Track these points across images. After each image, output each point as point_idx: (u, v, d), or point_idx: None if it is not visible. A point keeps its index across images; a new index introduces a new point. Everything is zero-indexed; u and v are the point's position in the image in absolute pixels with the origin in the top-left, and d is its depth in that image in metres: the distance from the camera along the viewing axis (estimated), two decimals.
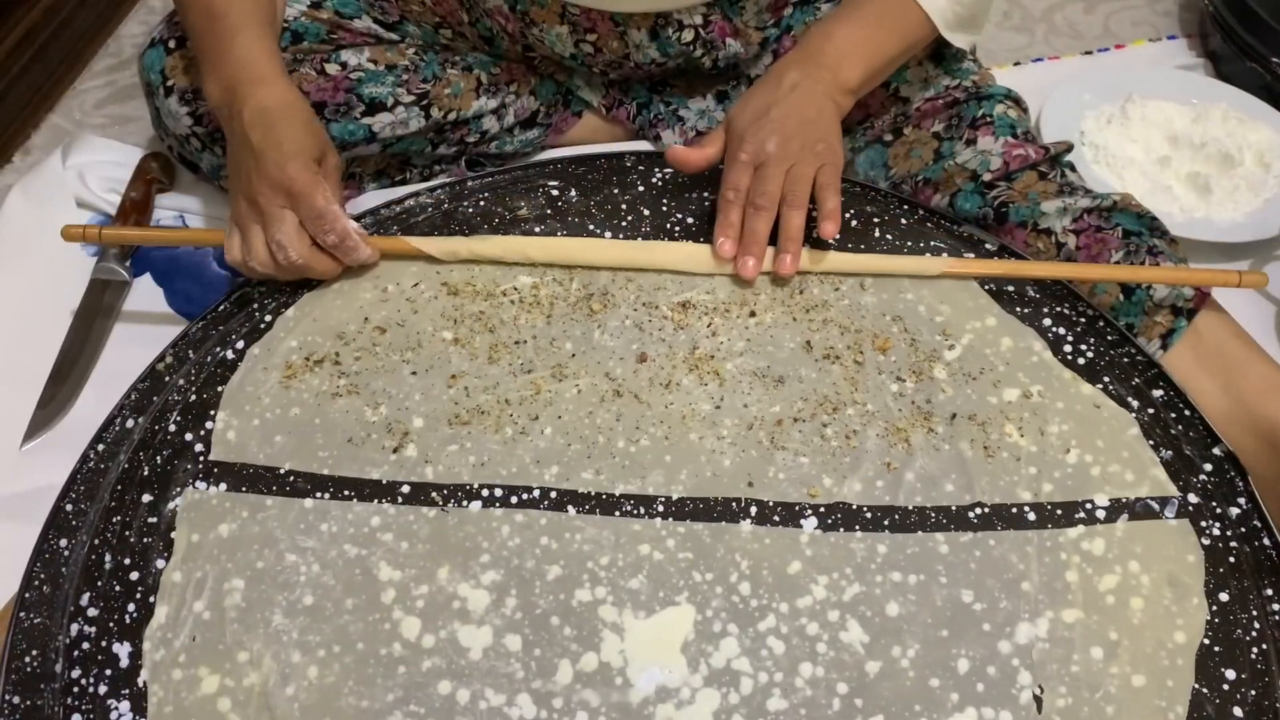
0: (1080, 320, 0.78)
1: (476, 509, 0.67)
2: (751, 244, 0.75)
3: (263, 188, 0.72)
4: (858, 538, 0.66)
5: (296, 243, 0.73)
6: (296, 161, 0.71)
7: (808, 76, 0.78)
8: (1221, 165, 1.05)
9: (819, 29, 0.81)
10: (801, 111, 0.76)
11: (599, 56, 0.94)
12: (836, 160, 0.77)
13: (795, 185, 0.74)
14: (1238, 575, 0.65)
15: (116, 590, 0.64)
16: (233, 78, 0.75)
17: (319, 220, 0.72)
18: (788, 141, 0.75)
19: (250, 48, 0.76)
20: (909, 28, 0.82)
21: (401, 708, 0.59)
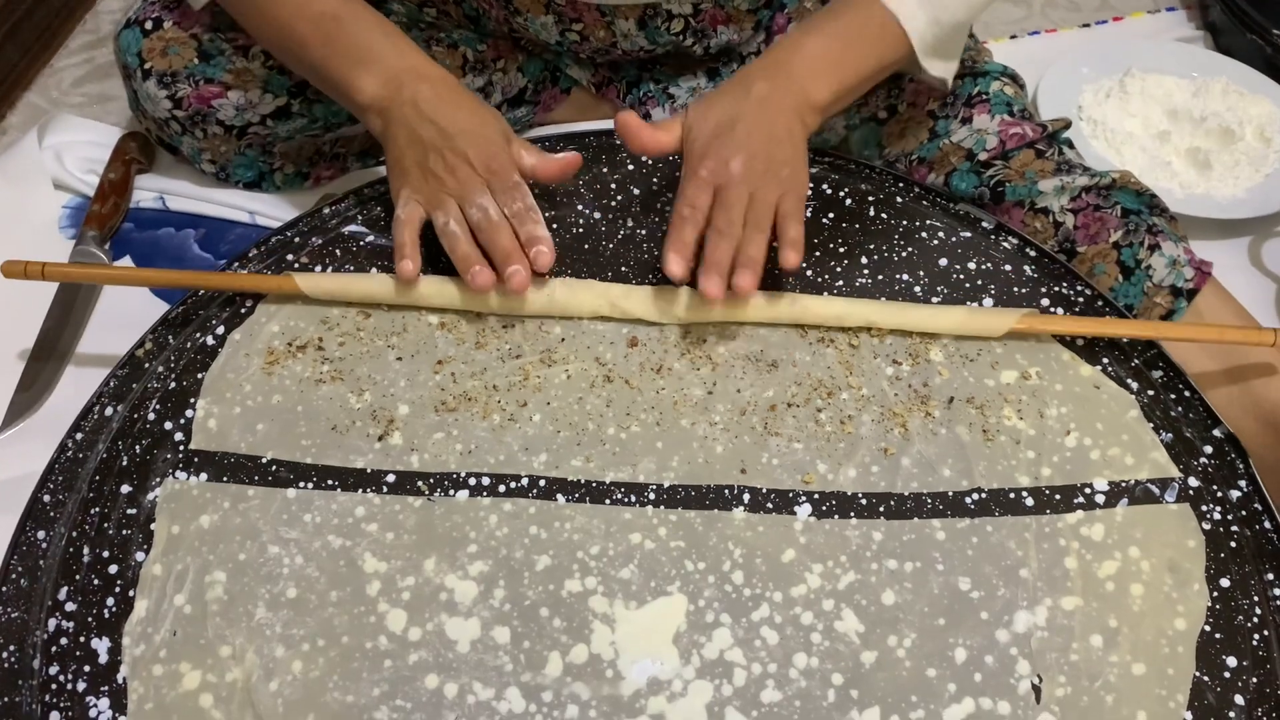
0: (1079, 300, 0.76)
1: (464, 498, 0.66)
2: (714, 266, 0.69)
3: (460, 165, 0.72)
4: (853, 525, 0.65)
5: (496, 207, 0.72)
6: (494, 145, 0.73)
7: (776, 89, 0.73)
8: (1222, 140, 1.03)
9: (790, 39, 0.76)
10: (769, 128, 0.71)
11: (585, 44, 0.92)
12: (801, 187, 0.72)
13: (758, 211, 0.70)
14: (1239, 560, 0.64)
15: (95, 584, 0.63)
16: (393, 68, 0.74)
17: (512, 191, 0.73)
18: (752, 161, 0.70)
19: (394, 38, 0.76)
20: (885, 46, 0.75)
21: (388, 702, 0.58)
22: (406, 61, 0.75)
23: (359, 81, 0.75)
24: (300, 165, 0.96)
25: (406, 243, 0.72)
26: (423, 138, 0.73)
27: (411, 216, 0.73)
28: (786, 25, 0.92)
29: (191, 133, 0.91)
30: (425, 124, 0.73)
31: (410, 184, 0.74)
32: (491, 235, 0.72)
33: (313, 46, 0.76)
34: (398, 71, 0.74)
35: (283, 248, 0.80)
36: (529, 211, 0.73)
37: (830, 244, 0.80)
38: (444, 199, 0.73)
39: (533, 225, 0.73)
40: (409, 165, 0.74)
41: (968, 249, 0.80)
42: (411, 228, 0.73)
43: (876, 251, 0.79)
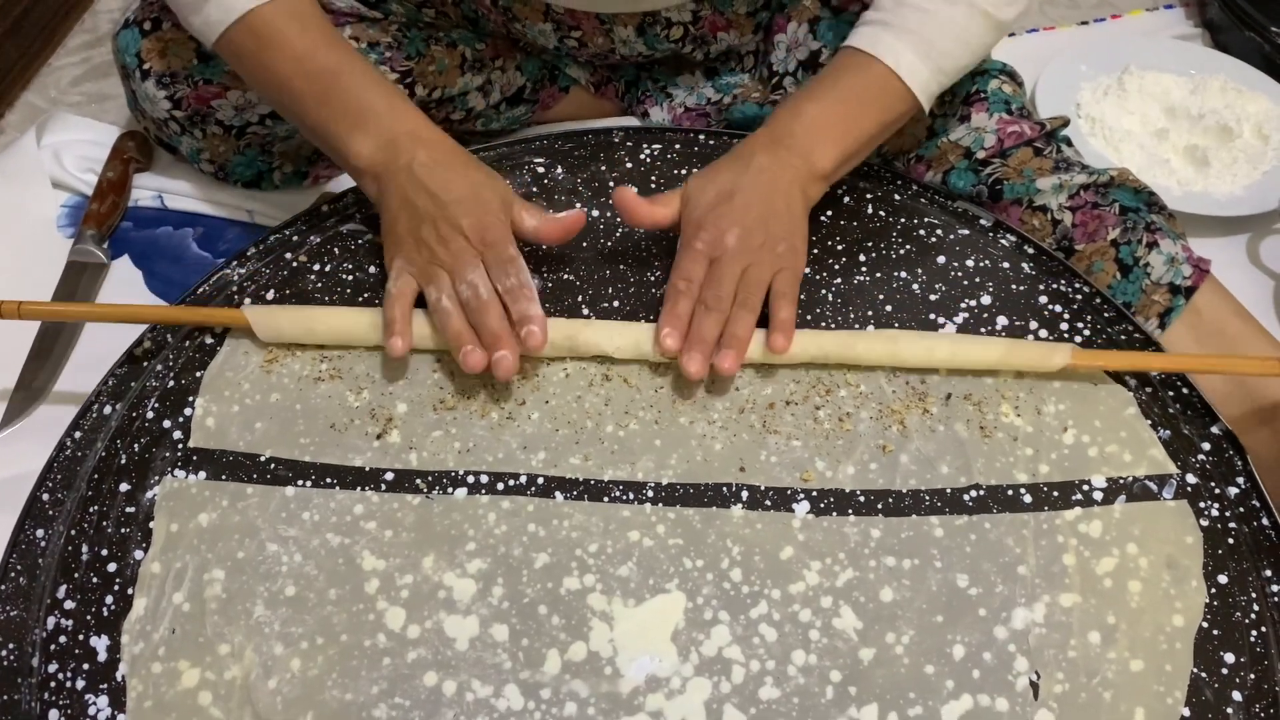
0: (1077, 298, 0.76)
1: (462, 496, 0.66)
2: (697, 343, 0.67)
3: (455, 237, 0.69)
4: (851, 522, 0.65)
5: (489, 284, 0.69)
6: (490, 214, 0.70)
7: (777, 161, 0.71)
8: (1220, 137, 1.03)
9: (789, 106, 0.74)
10: (767, 201, 0.70)
11: (584, 50, 0.92)
12: (797, 265, 0.71)
13: (748, 288, 0.69)
14: (1236, 557, 0.64)
15: (94, 582, 0.63)
16: (390, 131, 0.72)
17: (506, 265, 0.69)
18: (748, 235, 0.69)
19: (392, 99, 0.73)
20: (889, 103, 0.74)
21: (386, 700, 0.58)
22: (405, 124, 0.72)
23: (355, 144, 0.72)
24: (299, 164, 0.96)
25: (397, 319, 0.69)
26: (417, 206, 0.70)
27: (403, 290, 0.70)
28: (786, 25, 0.92)
29: (190, 132, 0.91)
30: (420, 191, 0.70)
31: (403, 254, 0.71)
32: (480, 316, 0.68)
33: (310, 105, 0.73)
34: (395, 134, 0.72)
35: (281, 246, 0.80)
36: (522, 288, 0.69)
37: (828, 241, 0.80)
38: (436, 272, 0.69)
39: (525, 303, 0.68)
40: (402, 233, 0.71)
41: (966, 246, 0.80)
42: (403, 303, 0.69)
43: (875, 249, 0.79)
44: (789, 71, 0.95)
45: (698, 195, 0.72)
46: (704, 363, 0.67)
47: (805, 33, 0.92)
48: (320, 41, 0.73)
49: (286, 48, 0.73)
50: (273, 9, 0.72)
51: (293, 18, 0.73)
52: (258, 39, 0.73)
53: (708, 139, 0.88)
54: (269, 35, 0.73)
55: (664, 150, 0.87)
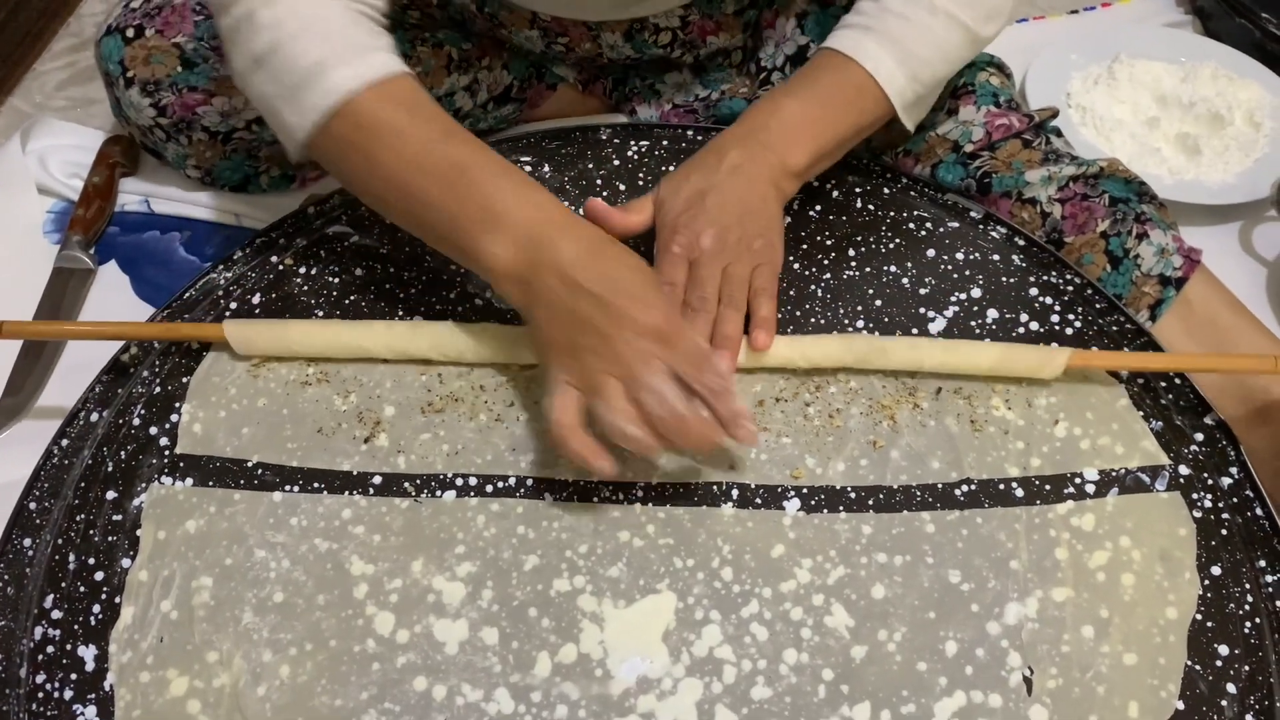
0: (1068, 290, 0.76)
1: (451, 499, 0.65)
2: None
3: (624, 334, 0.59)
4: (842, 519, 0.65)
5: (677, 389, 0.59)
6: (658, 300, 0.61)
7: (750, 158, 0.70)
8: (1211, 125, 1.03)
9: (764, 104, 0.73)
10: (742, 199, 0.68)
11: (571, 54, 0.91)
12: (775, 260, 0.69)
13: (731, 287, 0.67)
14: (1230, 548, 0.64)
15: (81, 591, 0.62)
16: (527, 228, 0.62)
17: (700, 359, 0.60)
18: (724, 234, 0.67)
19: (528, 191, 0.64)
20: (863, 106, 0.73)
21: (376, 706, 0.58)
22: (545, 215, 0.63)
23: (491, 246, 0.62)
24: (286, 168, 0.96)
25: (584, 449, 0.60)
26: (570, 308, 0.61)
27: (570, 415, 0.61)
28: (775, 21, 0.91)
29: (176, 139, 0.90)
30: (573, 291, 0.60)
31: (564, 366, 0.62)
32: (680, 435, 0.59)
33: (436, 203, 0.64)
34: (534, 229, 0.62)
35: (267, 249, 0.80)
36: (725, 385, 0.60)
37: (818, 236, 0.79)
38: (605, 383, 0.60)
39: (729, 399, 0.60)
40: (558, 343, 0.62)
41: (956, 239, 0.79)
42: (574, 432, 0.60)
43: (864, 243, 0.79)
44: (777, 67, 0.94)
45: (671, 197, 0.70)
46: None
47: (793, 28, 0.91)
48: (440, 132, 0.65)
49: (401, 142, 0.64)
50: (378, 94, 0.64)
51: (403, 105, 0.65)
52: (365, 130, 0.64)
53: (696, 135, 0.87)
54: (378, 126, 0.64)
55: (652, 147, 0.86)
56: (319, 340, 0.71)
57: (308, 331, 0.71)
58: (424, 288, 0.77)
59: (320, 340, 0.71)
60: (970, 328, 0.74)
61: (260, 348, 0.71)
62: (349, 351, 0.71)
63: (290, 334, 0.71)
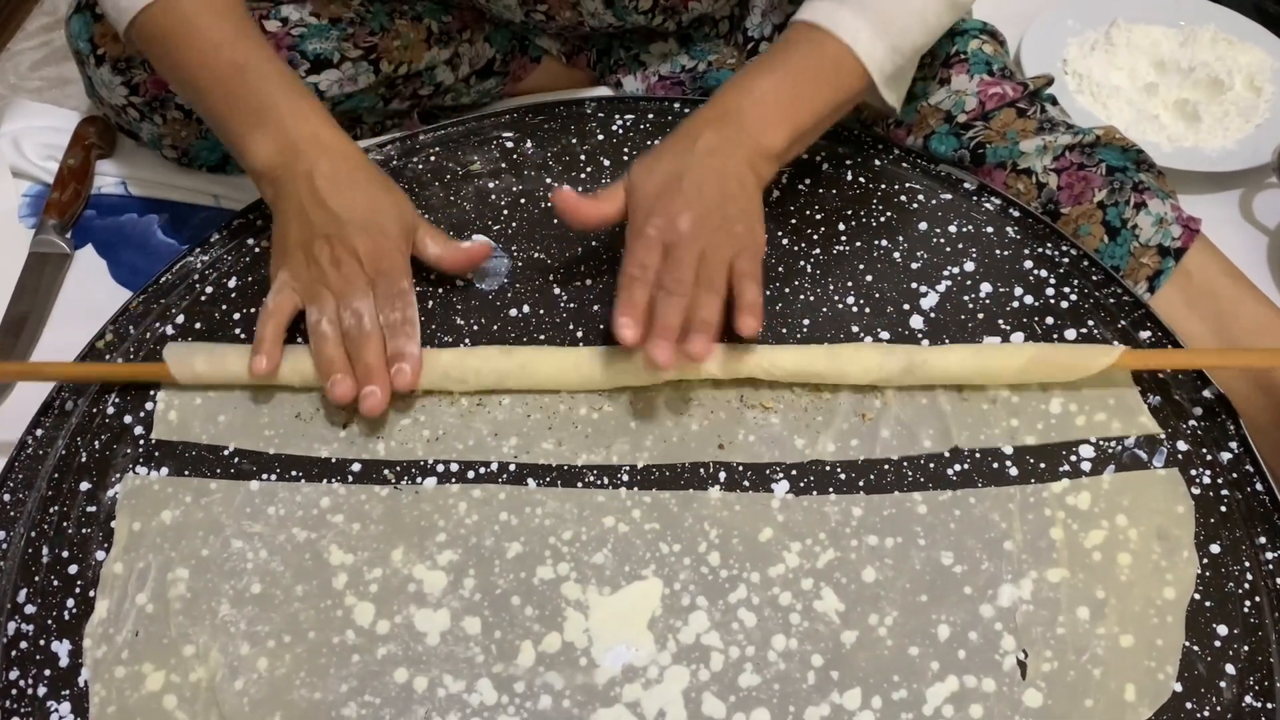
0: (1063, 261, 0.74)
1: (431, 486, 0.64)
2: (662, 330, 0.63)
3: (347, 259, 0.66)
4: (831, 500, 0.63)
5: (373, 315, 0.66)
6: (389, 239, 0.67)
7: (725, 140, 0.67)
8: (1210, 91, 1.00)
9: (737, 82, 0.70)
10: (719, 183, 0.66)
11: (551, 23, 0.89)
12: (757, 245, 0.67)
13: (710, 271, 0.64)
14: (1229, 525, 0.63)
15: (55, 585, 0.61)
16: (292, 132, 0.68)
17: (394, 298, 0.67)
18: (702, 219, 0.64)
19: (300, 100, 0.69)
20: (841, 81, 0.70)
21: (356, 698, 0.57)
22: (308, 127, 0.68)
23: (252, 144, 0.68)
24: None
25: (267, 338, 0.66)
26: (313, 220, 0.67)
27: (281, 306, 0.67)
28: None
29: (150, 118, 0.88)
30: (318, 205, 0.67)
31: (290, 268, 0.68)
32: (359, 347, 0.65)
33: (214, 100, 0.70)
34: (296, 137, 0.68)
35: (244, 231, 0.78)
36: (405, 324, 0.66)
37: (807, 210, 0.78)
38: (321, 293, 0.67)
39: (404, 340, 0.66)
40: (292, 246, 0.68)
41: (949, 211, 0.78)
42: (277, 321, 0.67)
43: (855, 217, 0.77)
44: (765, 36, 0.92)
45: (643, 181, 0.68)
46: (671, 350, 0.62)
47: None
48: (231, 34, 0.70)
49: (195, 38, 0.69)
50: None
51: (206, 6, 0.70)
52: (166, 27, 0.69)
53: (683, 107, 0.85)
54: (178, 24, 0.69)
55: (637, 120, 0.84)
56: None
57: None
58: None
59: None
60: (963, 302, 0.72)
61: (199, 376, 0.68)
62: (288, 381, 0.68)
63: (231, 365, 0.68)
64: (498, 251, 0.76)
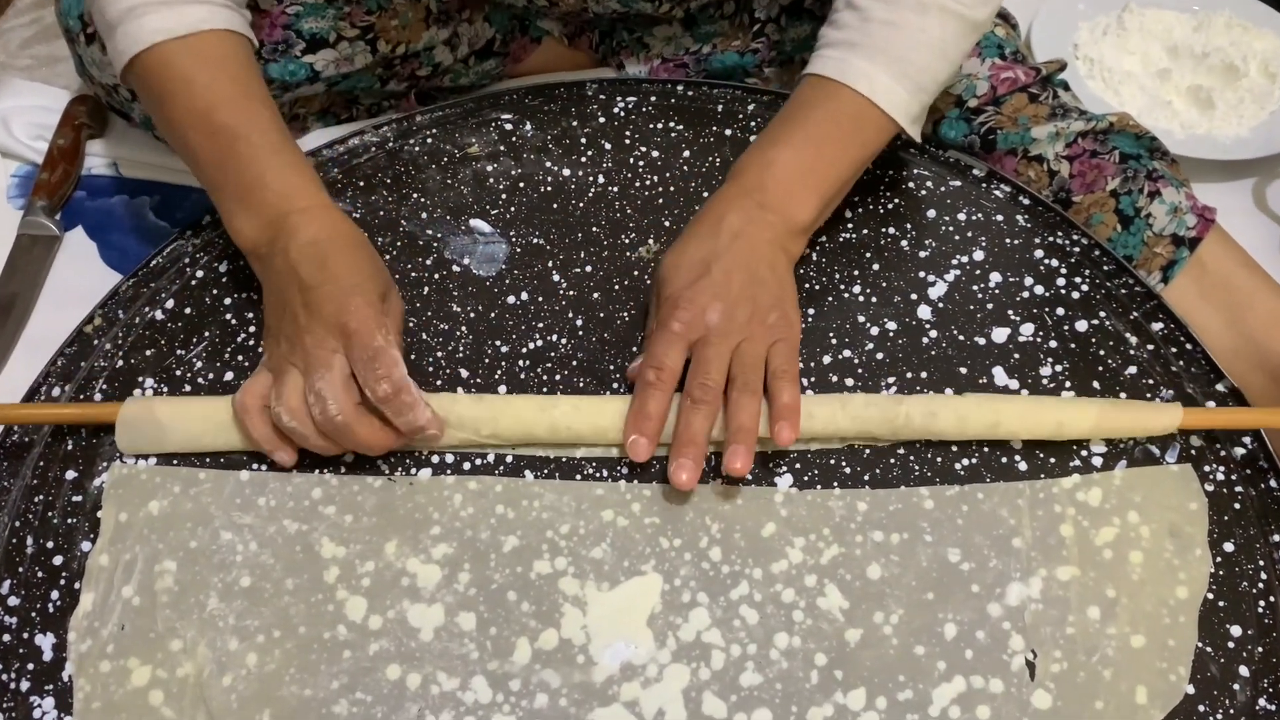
0: (1075, 251, 0.73)
1: (426, 477, 0.62)
2: (688, 445, 0.59)
3: (313, 326, 0.59)
4: (836, 495, 0.62)
5: (341, 395, 0.58)
6: (358, 298, 0.59)
7: (751, 221, 0.63)
8: (1225, 77, 0.99)
9: (756, 156, 0.66)
10: (749, 268, 0.62)
11: (555, 9, 0.87)
12: (793, 336, 0.63)
13: (745, 369, 0.60)
14: (1243, 523, 0.61)
15: (39, 576, 0.60)
16: (275, 209, 0.63)
17: (372, 363, 0.58)
18: (733, 310, 0.61)
19: (290, 173, 0.64)
20: (867, 136, 0.66)
21: (347, 695, 0.55)
22: (296, 203, 0.63)
23: (237, 221, 0.64)
24: None
25: (266, 438, 0.61)
26: (284, 295, 0.61)
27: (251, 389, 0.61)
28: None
29: None
30: (290, 278, 0.61)
31: (267, 346, 0.63)
32: (336, 436, 0.59)
33: (204, 166, 0.65)
34: (281, 214, 0.63)
35: None
36: (398, 395, 0.58)
37: None
38: (287, 371, 0.60)
39: (409, 413, 0.59)
40: (271, 328, 0.63)
41: (957, 199, 0.76)
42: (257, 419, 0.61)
43: (862, 203, 0.75)
44: (771, 18, 0.90)
45: (671, 272, 0.63)
46: (695, 469, 0.59)
47: None
48: (227, 95, 0.65)
49: (188, 97, 0.64)
50: (181, 46, 0.64)
51: (203, 62, 0.65)
52: (161, 79, 0.65)
53: (686, 90, 0.84)
54: (171, 78, 0.65)
55: (639, 103, 0.83)
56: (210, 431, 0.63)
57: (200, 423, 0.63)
58: (398, 254, 0.73)
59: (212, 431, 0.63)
60: (972, 292, 0.70)
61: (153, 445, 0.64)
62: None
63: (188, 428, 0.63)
64: (496, 237, 0.74)
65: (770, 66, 0.92)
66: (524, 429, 0.62)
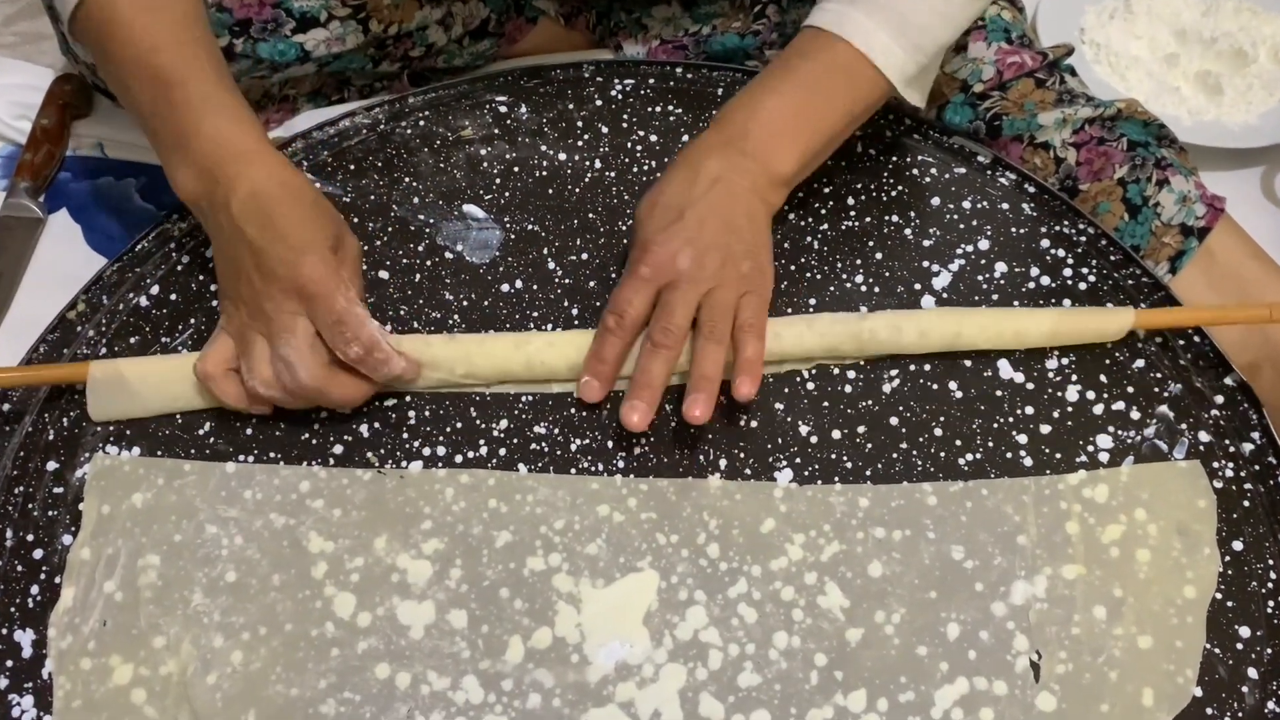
0: (1081, 240, 0.71)
1: (417, 470, 0.61)
2: (644, 388, 0.58)
3: (270, 290, 0.58)
4: (837, 491, 0.60)
5: (309, 360, 0.58)
6: (311, 256, 0.58)
7: (732, 168, 0.62)
8: (1233, 62, 0.97)
9: (741, 102, 0.65)
10: (725, 215, 0.61)
11: None
12: (764, 287, 0.62)
13: (713, 316, 0.59)
14: (1252, 521, 0.60)
15: (18, 570, 0.58)
16: (211, 158, 0.60)
17: (339, 326, 0.58)
18: (704, 255, 0.60)
19: (227, 120, 0.61)
20: (856, 91, 0.65)
21: (335, 695, 0.54)
22: (232, 146, 0.60)
23: (175, 171, 0.62)
24: None
25: (235, 401, 0.61)
26: (233, 254, 0.60)
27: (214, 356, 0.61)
28: None
29: None
30: (236, 236, 0.59)
31: (224, 308, 0.62)
32: (309, 401, 0.60)
33: (143, 114, 0.63)
34: (215, 164, 0.60)
35: None
36: (371, 353, 0.58)
37: (813, 183, 0.74)
38: (251, 339, 0.59)
39: (384, 369, 0.59)
40: (224, 286, 0.62)
41: (962, 186, 0.74)
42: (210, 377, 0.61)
43: (864, 191, 0.74)
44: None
45: (645, 217, 0.62)
46: (648, 412, 0.58)
47: None
48: (168, 39, 0.62)
49: (127, 43, 0.62)
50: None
51: (144, 5, 0.62)
52: (101, 25, 0.62)
53: (685, 72, 0.82)
54: (113, 22, 0.62)
55: (637, 86, 0.81)
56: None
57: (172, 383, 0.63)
58: (389, 240, 0.72)
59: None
60: (977, 282, 0.69)
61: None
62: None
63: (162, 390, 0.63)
64: (489, 223, 0.72)
65: (771, 49, 0.90)
66: (498, 366, 0.63)
